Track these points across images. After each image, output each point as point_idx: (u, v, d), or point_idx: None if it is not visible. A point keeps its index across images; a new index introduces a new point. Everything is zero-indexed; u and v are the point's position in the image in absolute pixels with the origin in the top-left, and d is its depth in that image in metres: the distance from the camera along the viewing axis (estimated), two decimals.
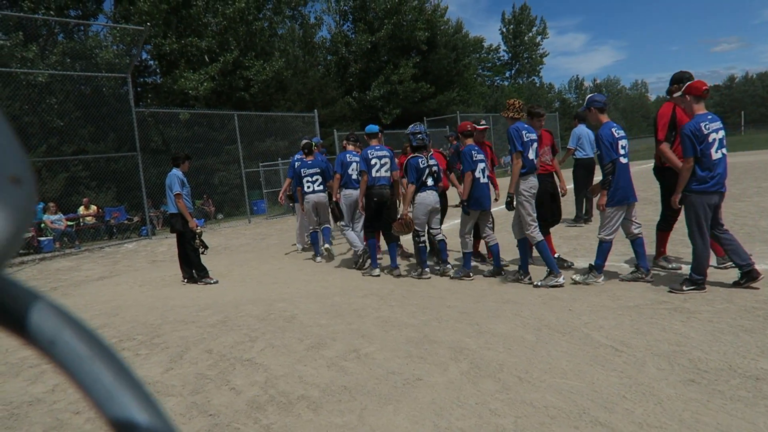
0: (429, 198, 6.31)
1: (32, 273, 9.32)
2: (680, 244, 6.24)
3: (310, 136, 11.07)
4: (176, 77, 19.82)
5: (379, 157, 6.70)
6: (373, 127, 7.08)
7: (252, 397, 3.20)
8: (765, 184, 11.58)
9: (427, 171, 6.29)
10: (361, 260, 7.24)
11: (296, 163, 8.57)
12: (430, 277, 6.36)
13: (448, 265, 6.45)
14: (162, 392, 3.37)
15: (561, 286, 5.32)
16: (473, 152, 6.01)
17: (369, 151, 6.73)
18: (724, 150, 4.65)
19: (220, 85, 20.90)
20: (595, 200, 5.65)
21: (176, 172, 6.97)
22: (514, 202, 5.69)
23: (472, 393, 3.01)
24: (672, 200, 4.92)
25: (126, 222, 14.96)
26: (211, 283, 7.04)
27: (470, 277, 6.12)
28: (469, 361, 3.48)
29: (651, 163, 6.01)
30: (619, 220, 5.19)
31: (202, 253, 7.15)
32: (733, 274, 5.06)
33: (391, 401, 2.98)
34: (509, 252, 6.75)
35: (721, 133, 4.66)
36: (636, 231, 5.24)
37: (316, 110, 17.96)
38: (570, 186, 7.56)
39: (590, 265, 5.41)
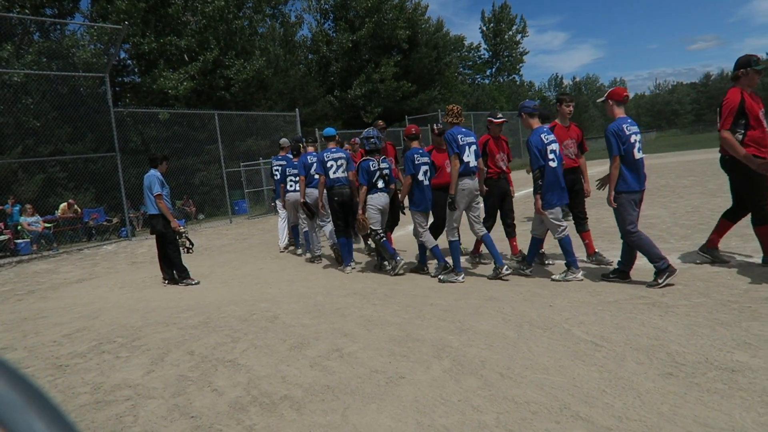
0: (379, 199, 6.56)
1: (9, 276, 9.14)
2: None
3: (294, 135, 11.05)
4: (155, 77, 19.53)
5: (335, 159, 7.02)
6: (330, 131, 7.43)
7: (234, 398, 3.18)
8: None
9: (377, 174, 6.52)
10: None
11: (276, 163, 9.12)
12: (403, 270, 6.50)
13: (398, 257, 6.59)
14: (143, 395, 3.33)
15: (462, 282, 5.88)
16: (416, 156, 6.21)
17: (325, 154, 7.05)
18: (641, 153, 4.96)
19: (200, 84, 20.65)
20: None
21: (155, 173, 6.92)
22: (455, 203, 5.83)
23: (455, 390, 3.02)
24: (607, 201, 5.00)
25: (105, 223, 14.74)
26: (192, 284, 6.98)
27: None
28: (452, 359, 3.50)
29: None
30: (560, 214, 5.49)
31: (189, 251, 7.11)
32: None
33: (375, 400, 2.99)
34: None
35: (639, 137, 4.99)
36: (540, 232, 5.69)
37: (297, 109, 17.89)
38: None
39: (565, 263, 5.52)
